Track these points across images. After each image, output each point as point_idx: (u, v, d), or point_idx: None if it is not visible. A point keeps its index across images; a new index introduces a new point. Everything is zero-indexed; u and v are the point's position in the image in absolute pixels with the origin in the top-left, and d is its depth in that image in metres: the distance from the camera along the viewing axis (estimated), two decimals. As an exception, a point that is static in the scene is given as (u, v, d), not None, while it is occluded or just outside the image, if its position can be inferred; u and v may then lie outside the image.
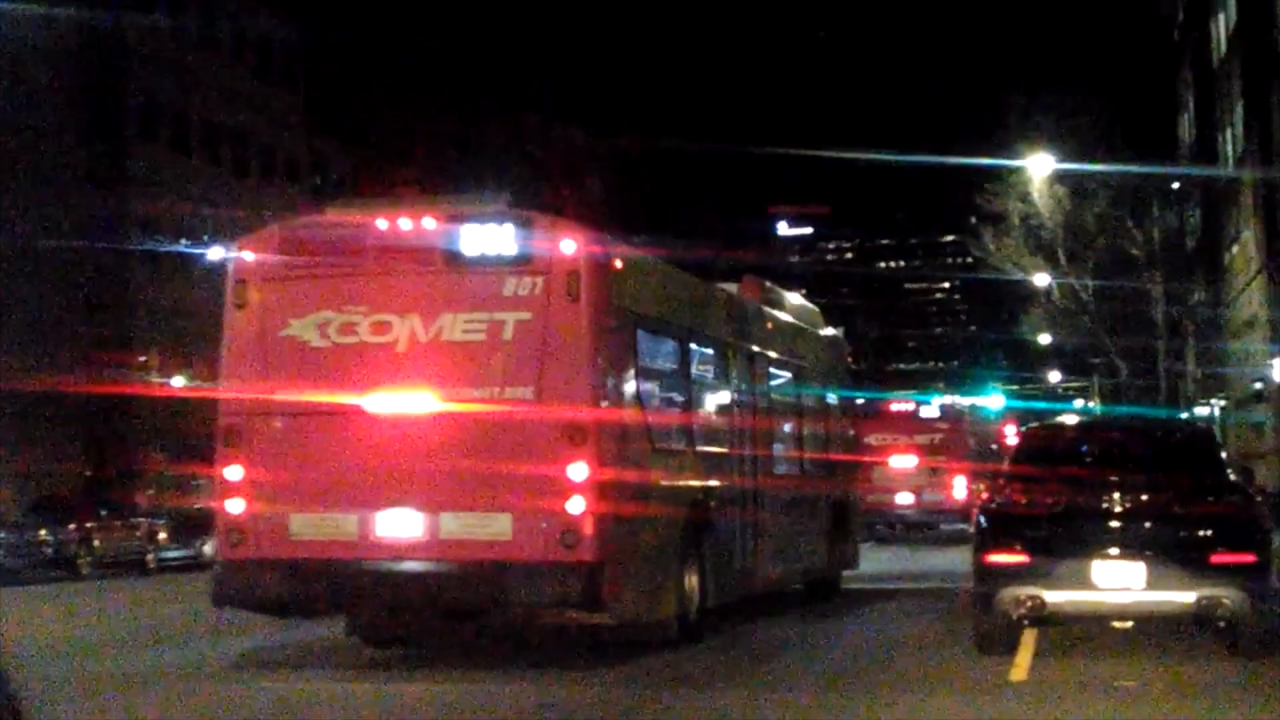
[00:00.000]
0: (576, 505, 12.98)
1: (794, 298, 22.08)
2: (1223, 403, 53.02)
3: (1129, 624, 14.32)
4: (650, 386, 15.03)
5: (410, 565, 13.31)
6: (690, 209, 57.12)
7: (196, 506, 42.95)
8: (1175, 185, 55.08)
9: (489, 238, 13.54)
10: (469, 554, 13.16)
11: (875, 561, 25.29)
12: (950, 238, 66.92)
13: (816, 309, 23.35)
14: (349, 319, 13.65)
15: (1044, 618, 13.80)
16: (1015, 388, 72.57)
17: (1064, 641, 14.63)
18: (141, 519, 39.50)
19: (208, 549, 38.78)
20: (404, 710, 11.78)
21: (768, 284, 20.52)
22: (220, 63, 58.20)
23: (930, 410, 45.42)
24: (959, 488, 39.88)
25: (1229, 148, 51.53)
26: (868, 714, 11.17)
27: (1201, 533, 13.32)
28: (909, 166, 50.77)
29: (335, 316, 13.67)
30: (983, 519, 14.74)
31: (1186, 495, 13.77)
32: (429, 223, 13.75)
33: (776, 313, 20.09)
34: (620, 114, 55.33)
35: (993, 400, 61.39)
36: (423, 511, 13.30)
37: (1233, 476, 14.72)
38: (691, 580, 15.06)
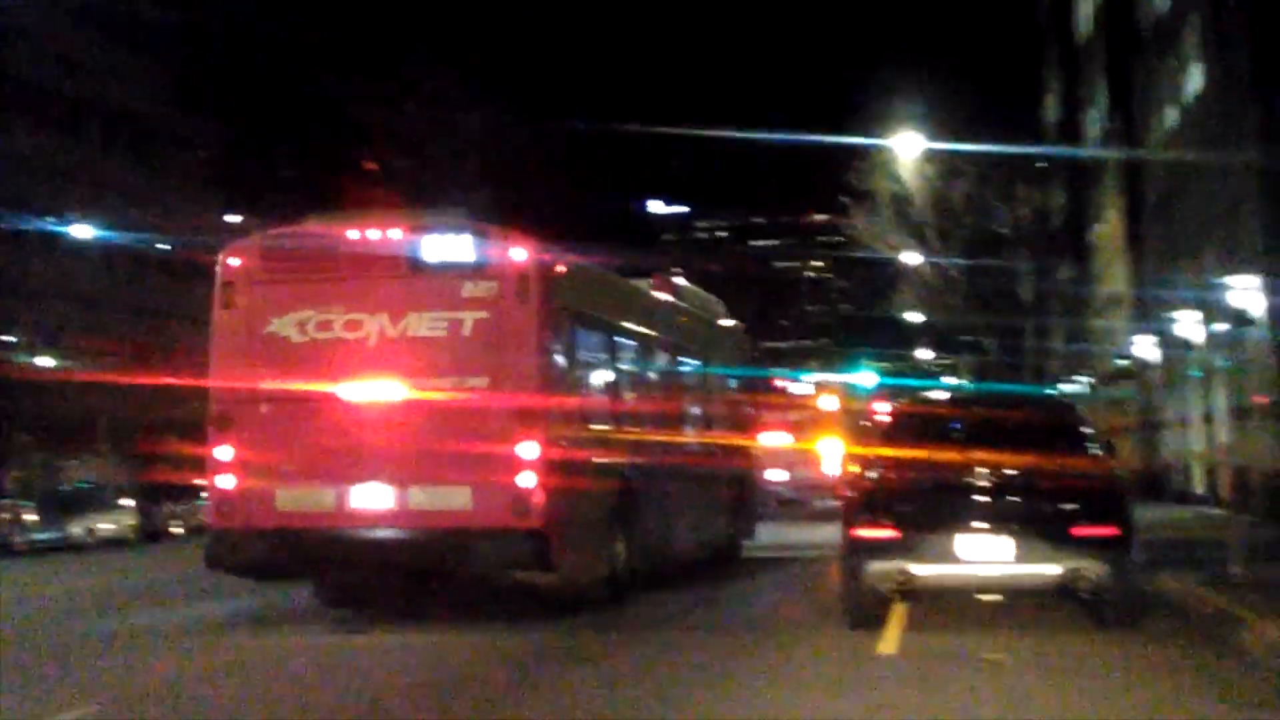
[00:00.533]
0: (527, 480, 14.77)
1: (699, 291, 23.57)
2: (1088, 379, 53.86)
3: (996, 597, 14.54)
4: (587, 376, 17.02)
5: (383, 532, 15.09)
6: (560, 190, 56.96)
7: (66, 487, 42.59)
8: (1042, 164, 55.77)
9: (450, 246, 15.33)
10: (434, 522, 14.97)
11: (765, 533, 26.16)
12: (822, 216, 67.29)
13: (719, 300, 24.84)
14: (326, 317, 15.39)
15: (912, 591, 13.95)
16: (887, 365, 73.18)
17: (933, 615, 14.79)
18: (6, 500, 39.08)
19: (77, 530, 38.75)
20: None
21: (676, 280, 22.25)
22: (88, 36, 57.27)
23: (802, 388, 45.72)
24: (830, 465, 40.21)
25: (1093, 127, 52.28)
26: (748, 682, 11.24)
27: (1065, 506, 13.51)
28: (781, 145, 50.88)
29: (314, 315, 15.40)
30: (852, 494, 14.88)
31: (1051, 470, 13.97)
32: (396, 233, 15.51)
33: (686, 306, 22.01)
34: (490, 96, 54.99)
35: (865, 378, 61.94)
36: (393, 485, 15.08)
37: (1096, 451, 14.94)
38: (619, 547, 16.83)
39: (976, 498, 13.71)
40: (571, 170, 57.68)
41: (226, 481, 15.48)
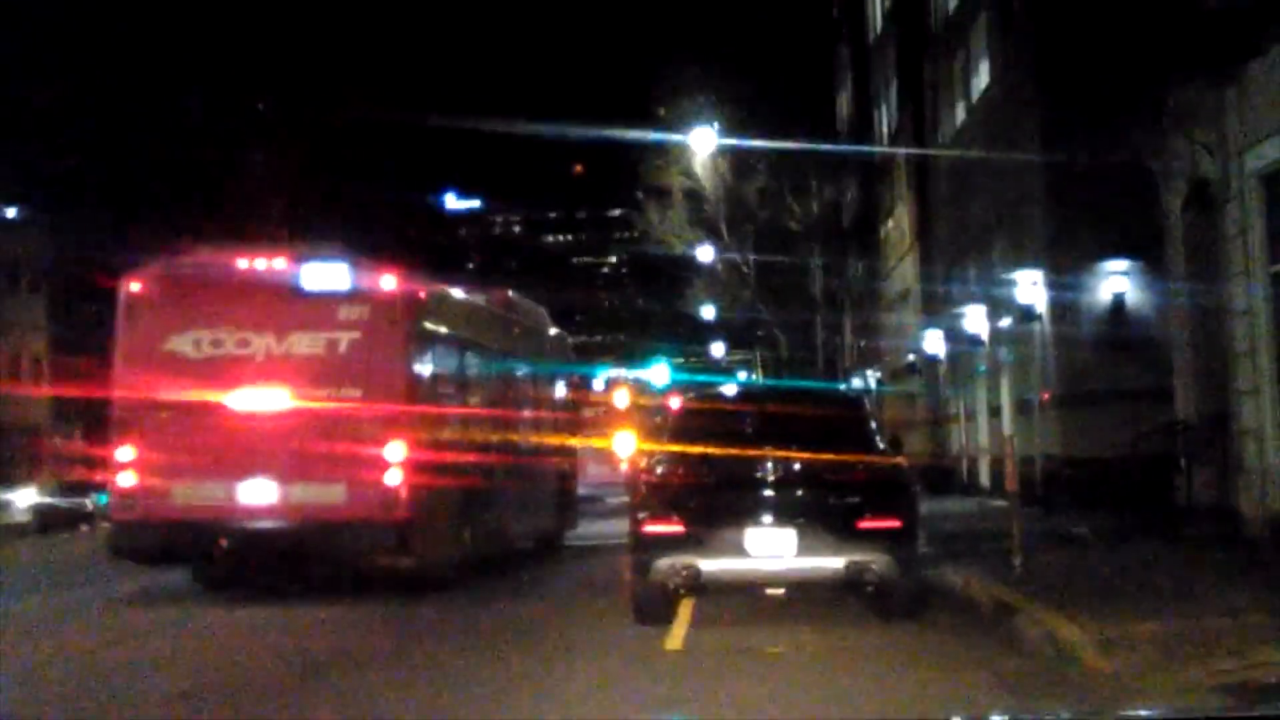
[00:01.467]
0: (393, 478, 16.96)
1: (528, 303, 25.92)
2: (878, 373, 54.50)
3: (781, 591, 14.51)
4: (443, 386, 19.21)
5: (266, 523, 17.06)
6: (354, 186, 56.24)
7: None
8: (834, 160, 56.33)
9: (328, 275, 17.49)
10: (312, 514, 16.94)
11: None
12: (617, 211, 67.30)
13: (544, 310, 27.00)
14: (217, 336, 17.43)
15: (700, 586, 13.85)
16: (682, 361, 73.47)
17: (720, 611, 14.73)
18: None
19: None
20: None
21: (510, 294, 24.71)
22: None
23: (597, 384, 45.66)
24: (623, 460, 40.22)
25: (884, 124, 52.90)
26: (531, 678, 11.08)
27: (849, 499, 13.53)
28: (576, 140, 50.75)
29: (207, 334, 17.45)
30: (640, 490, 14.76)
31: (836, 463, 13.97)
32: (281, 263, 17.68)
33: (519, 318, 24.44)
34: (275, 91, 54.01)
35: (658, 373, 62.11)
36: (277, 482, 17.04)
37: (882, 445, 14.97)
38: (465, 535, 18.96)
39: (762, 492, 13.67)
40: (362, 166, 56.93)
41: (128, 479, 17.35)
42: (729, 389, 27.01)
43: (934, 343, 40.99)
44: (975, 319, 34.72)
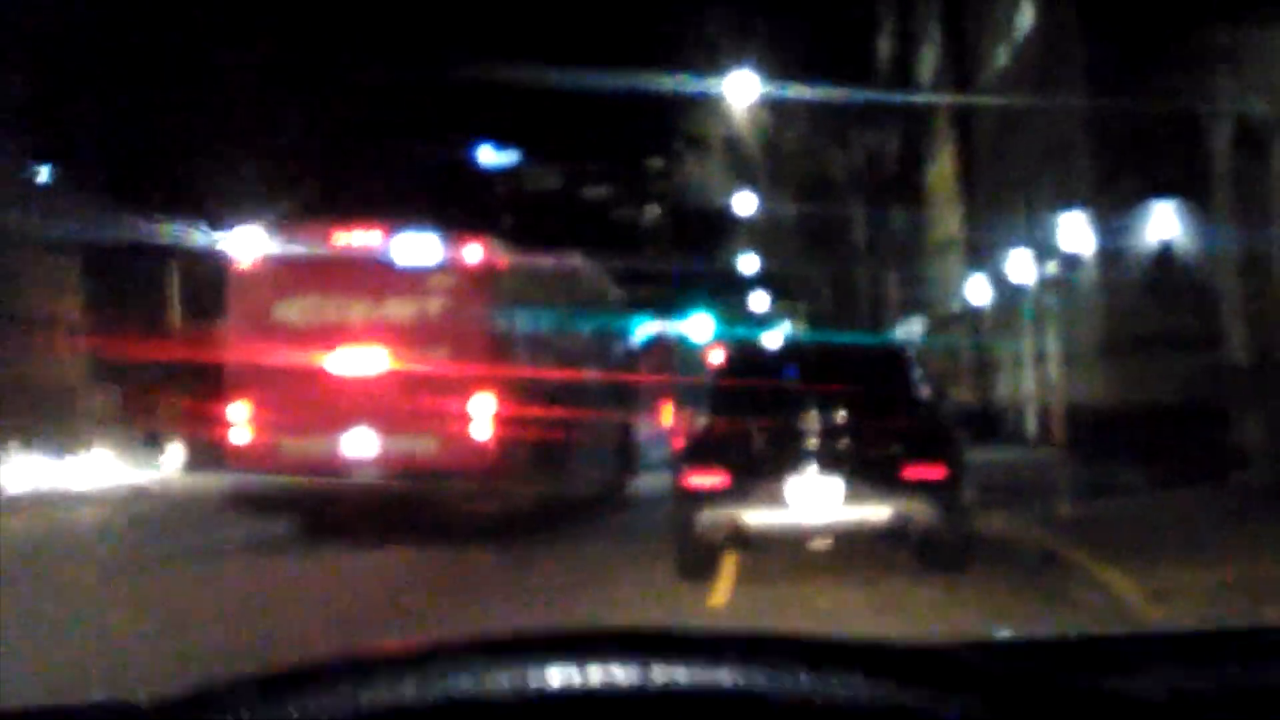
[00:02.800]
0: (480, 430, 18.60)
1: (592, 266, 27.59)
2: (922, 323, 54.19)
3: (828, 544, 14.32)
4: (521, 345, 20.50)
5: (368, 472, 18.60)
6: (389, 145, 55.97)
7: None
8: (874, 108, 55.88)
9: (420, 247, 19.22)
10: (409, 464, 18.46)
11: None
12: (656, 163, 67.00)
13: (607, 273, 28.93)
14: (319, 304, 19.13)
15: (743, 539, 13.71)
16: (724, 313, 73.25)
17: (765, 565, 14.55)
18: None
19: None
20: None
21: (577, 259, 26.33)
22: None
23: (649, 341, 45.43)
24: (666, 413, 40.03)
25: (926, 69, 52.47)
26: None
27: (894, 449, 13.35)
28: (612, 91, 50.40)
29: (309, 302, 19.16)
30: (683, 442, 14.63)
31: (880, 413, 13.79)
32: (375, 236, 19.41)
33: (585, 281, 26.28)
34: (306, 49, 53.72)
35: (701, 326, 61.84)
36: (375, 434, 18.63)
37: (927, 394, 14.78)
38: (541, 483, 19.84)
39: (805, 444, 13.50)
40: (394, 124, 56.64)
41: (243, 435, 19.17)
42: (771, 341, 26.86)
43: (978, 291, 40.66)
44: (1020, 266, 34.39)
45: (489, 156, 63.74)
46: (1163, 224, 27.65)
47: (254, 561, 17.51)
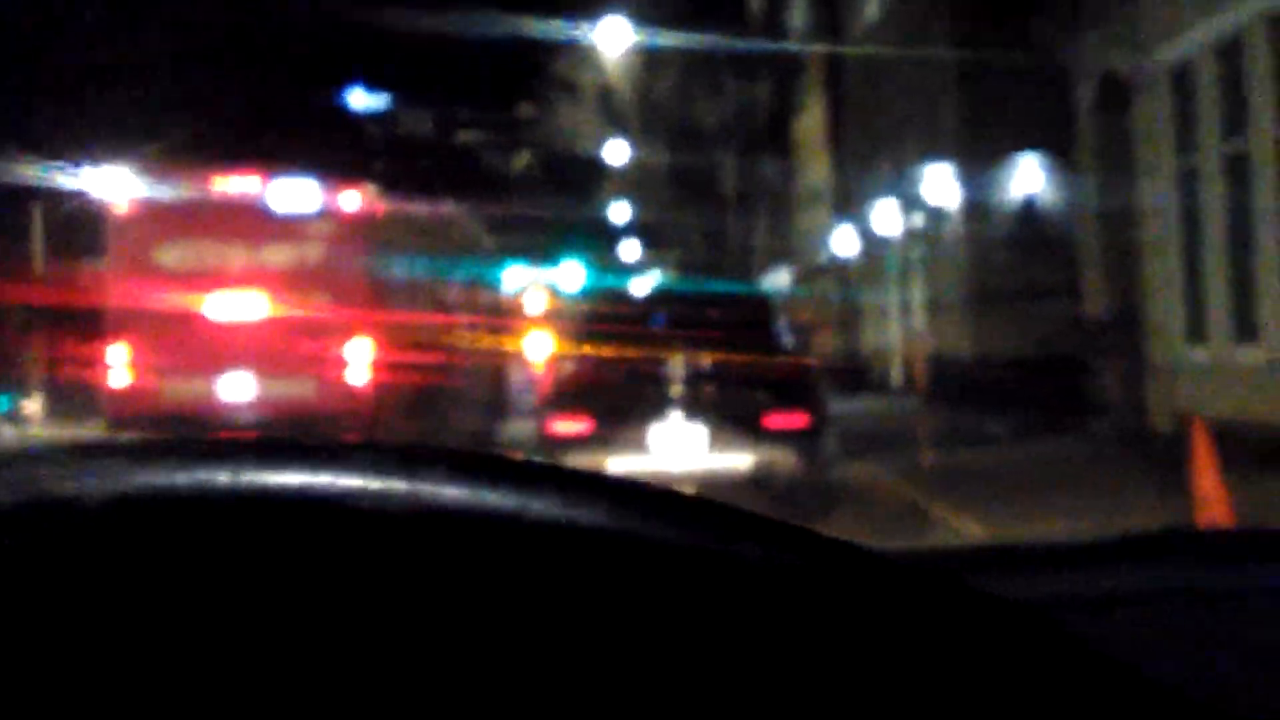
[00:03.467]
0: (356, 374, 19.23)
1: (465, 215, 29.17)
2: (790, 274, 54.51)
3: (690, 491, 14.36)
4: (398, 295, 21.15)
5: (246, 416, 18.92)
6: (257, 87, 55.30)
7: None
8: (746, 58, 55.98)
9: (298, 193, 19.77)
10: (285, 408, 18.81)
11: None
12: (528, 110, 66.72)
13: (478, 222, 30.95)
14: (198, 249, 19.52)
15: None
16: (595, 262, 73.22)
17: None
18: None
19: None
20: None
21: (451, 207, 27.79)
22: None
23: (516, 289, 45.32)
24: (537, 363, 40.03)
25: (797, 19, 52.61)
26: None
27: (757, 398, 13.41)
28: (483, 37, 50.05)
29: (189, 248, 19.54)
30: (545, 389, 14.61)
31: (743, 362, 13.85)
32: (254, 182, 19.85)
33: (459, 230, 27.30)
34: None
35: (572, 274, 61.78)
36: (254, 377, 19.04)
37: (790, 343, 14.86)
38: (415, 429, 20.01)
39: (669, 391, 13.53)
40: (263, 66, 55.95)
41: (122, 378, 19.50)
42: (637, 289, 26.92)
43: (845, 242, 40.94)
44: (886, 217, 34.66)
45: (360, 100, 63.12)
46: (1027, 178, 27.97)
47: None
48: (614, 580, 0.81)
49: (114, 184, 20.50)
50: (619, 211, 65.06)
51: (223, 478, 0.82)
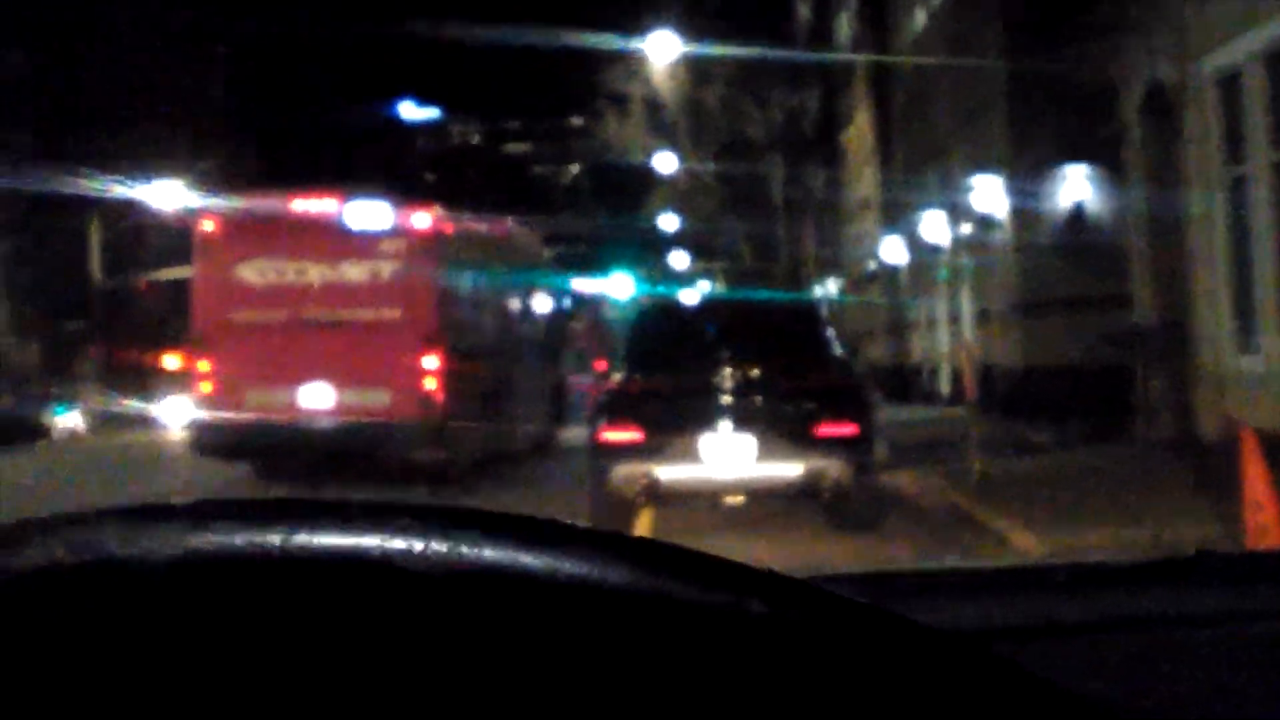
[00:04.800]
0: (428, 383, 20.08)
1: (525, 229, 30.03)
2: (839, 283, 54.50)
3: (740, 500, 14.48)
4: (466, 305, 22.46)
5: (324, 423, 19.88)
6: (311, 101, 55.61)
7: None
8: (794, 69, 55.97)
9: (374, 213, 20.77)
10: (362, 416, 19.64)
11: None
12: (577, 120, 66.86)
13: (538, 234, 31.87)
14: (279, 265, 20.53)
15: (658, 495, 13.85)
16: (644, 272, 73.28)
17: (680, 524, 14.71)
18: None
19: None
20: None
21: (511, 222, 28.57)
22: None
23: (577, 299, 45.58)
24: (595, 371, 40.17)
25: (844, 30, 52.63)
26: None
27: (807, 407, 13.52)
28: (533, 48, 50.24)
29: (270, 263, 20.53)
30: (599, 397, 14.75)
31: (793, 370, 13.96)
32: (332, 203, 20.84)
33: (521, 243, 28.49)
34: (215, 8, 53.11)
35: (621, 284, 61.88)
36: (331, 387, 19.97)
37: (839, 352, 14.97)
38: (482, 435, 21.34)
39: (720, 400, 13.66)
40: (316, 80, 56.26)
41: (207, 387, 20.62)
42: (688, 299, 27.04)
43: (894, 251, 40.94)
44: (935, 226, 34.68)
45: (410, 112, 63.40)
46: (1075, 187, 27.97)
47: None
48: (637, 636, 0.90)
49: (178, 199, 21.94)
50: (668, 222, 65.16)
51: (275, 539, 0.90)
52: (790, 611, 0.91)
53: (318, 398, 20.13)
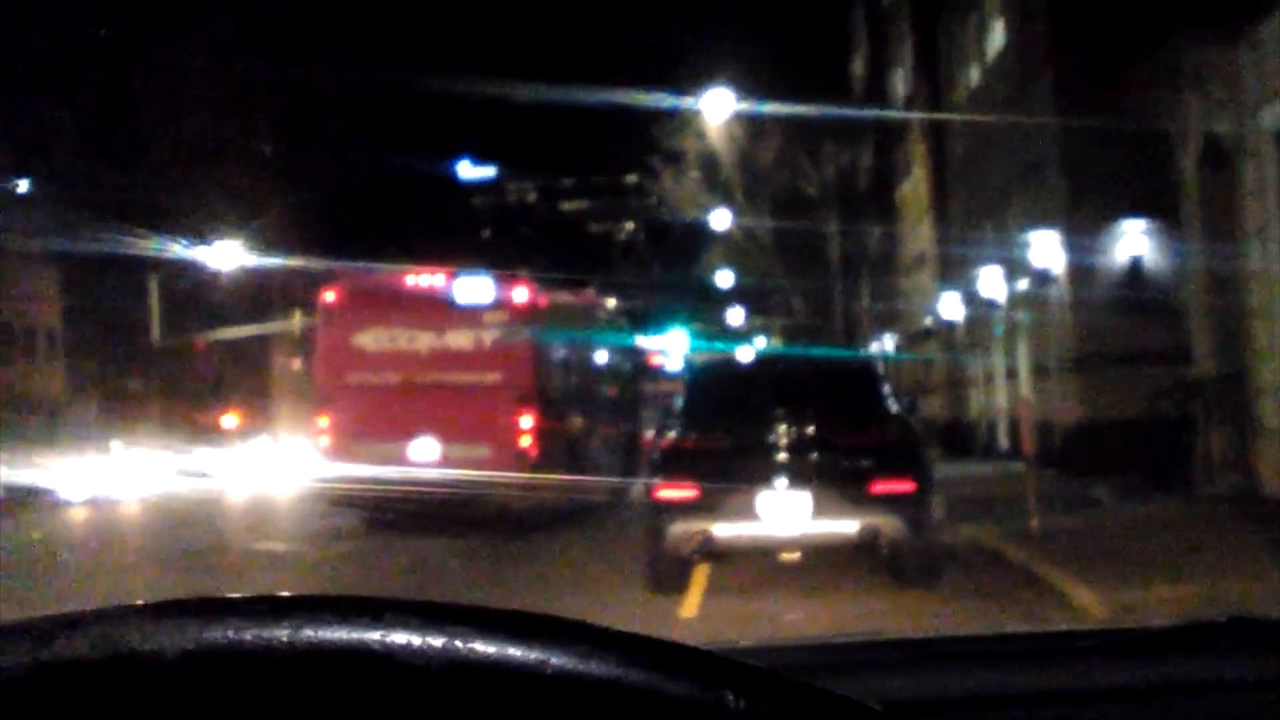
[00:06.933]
0: (525, 441, 22.15)
1: (600, 297, 33.56)
2: (895, 339, 54.37)
3: (796, 555, 14.45)
4: (555, 371, 24.54)
5: (430, 474, 20.93)
6: (364, 158, 56.04)
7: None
8: (849, 124, 56.02)
9: (475, 288, 23.13)
10: (465, 468, 20.65)
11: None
12: (632, 177, 67.09)
13: (607, 300, 35.37)
14: (393, 333, 22.77)
15: (714, 551, 13.82)
16: (699, 328, 73.31)
17: (735, 579, 14.68)
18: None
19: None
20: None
21: (590, 290, 31.97)
22: None
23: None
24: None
25: (899, 86, 52.68)
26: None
27: (863, 463, 13.47)
28: (590, 107, 50.52)
29: (385, 331, 22.80)
30: (654, 455, 14.75)
31: (849, 427, 13.92)
32: (440, 279, 23.49)
33: (598, 309, 31.55)
34: (277, 55, 53.56)
35: (676, 340, 61.89)
36: (438, 442, 21.95)
37: (894, 408, 14.92)
38: (567, 486, 22.51)
39: (776, 457, 13.62)
40: (375, 138, 56.67)
41: (326, 440, 22.81)
42: (743, 356, 27.05)
43: (951, 306, 40.84)
44: (992, 282, 34.57)
45: (468, 171, 63.82)
46: (1132, 241, 27.86)
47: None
48: None
49: (234, 259, 24.11)
50: (723, 278, 65.19)
51: (283, 634, 0.95)
52: (767, 705, 0.96)
53: (425, 451, 21.96)
